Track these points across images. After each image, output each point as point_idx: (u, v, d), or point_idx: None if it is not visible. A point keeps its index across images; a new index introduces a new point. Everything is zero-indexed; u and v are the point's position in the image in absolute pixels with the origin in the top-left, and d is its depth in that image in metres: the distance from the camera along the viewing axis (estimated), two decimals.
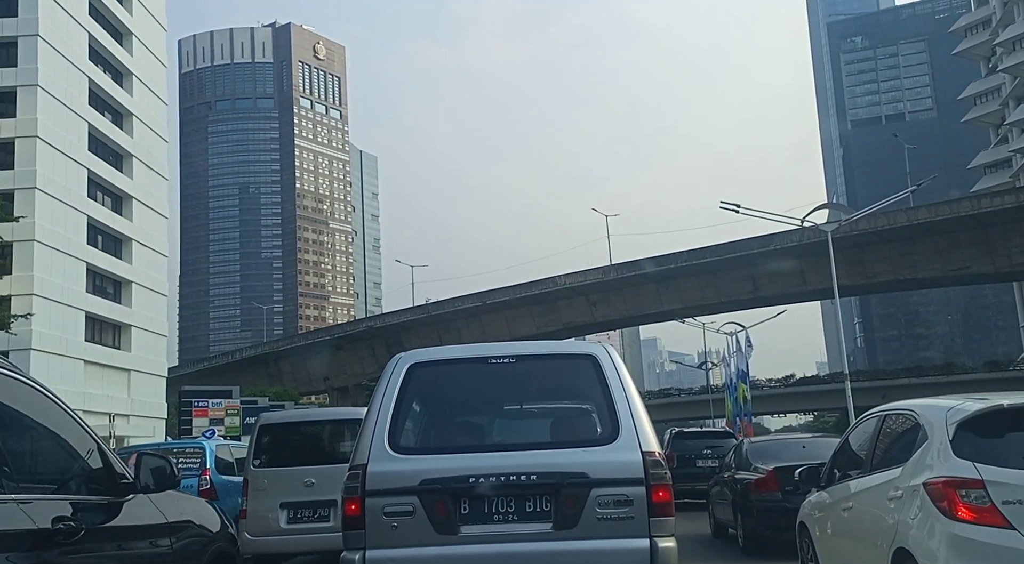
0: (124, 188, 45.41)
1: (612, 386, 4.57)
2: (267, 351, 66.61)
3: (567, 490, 4.30)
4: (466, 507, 4.33)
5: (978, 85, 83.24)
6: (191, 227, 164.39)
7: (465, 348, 5.32)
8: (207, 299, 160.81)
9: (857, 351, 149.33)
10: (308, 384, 64.56)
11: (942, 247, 44.07)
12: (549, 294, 52.65)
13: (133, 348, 45.05)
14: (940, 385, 53.16)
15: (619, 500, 4.29)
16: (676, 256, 49.15)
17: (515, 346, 5.24)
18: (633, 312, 52.75)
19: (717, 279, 48.84)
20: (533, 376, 4.96)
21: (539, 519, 4.31)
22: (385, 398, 4.58)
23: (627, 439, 4.40)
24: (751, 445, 11.29)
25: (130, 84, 46.88)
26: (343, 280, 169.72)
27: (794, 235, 48.69)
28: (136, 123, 46.67)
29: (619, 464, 4.34)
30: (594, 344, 5.05)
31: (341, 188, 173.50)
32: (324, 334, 66.45)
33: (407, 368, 4.71)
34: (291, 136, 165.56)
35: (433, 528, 4.28)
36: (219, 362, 70.96)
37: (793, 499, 8.54)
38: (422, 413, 4.88)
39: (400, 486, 4.32)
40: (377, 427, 4.48)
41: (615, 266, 52.13)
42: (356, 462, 4.43)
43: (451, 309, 55.72)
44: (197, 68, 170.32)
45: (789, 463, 9.27)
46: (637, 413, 4.49)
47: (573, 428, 4.93)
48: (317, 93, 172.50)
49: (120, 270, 44.75)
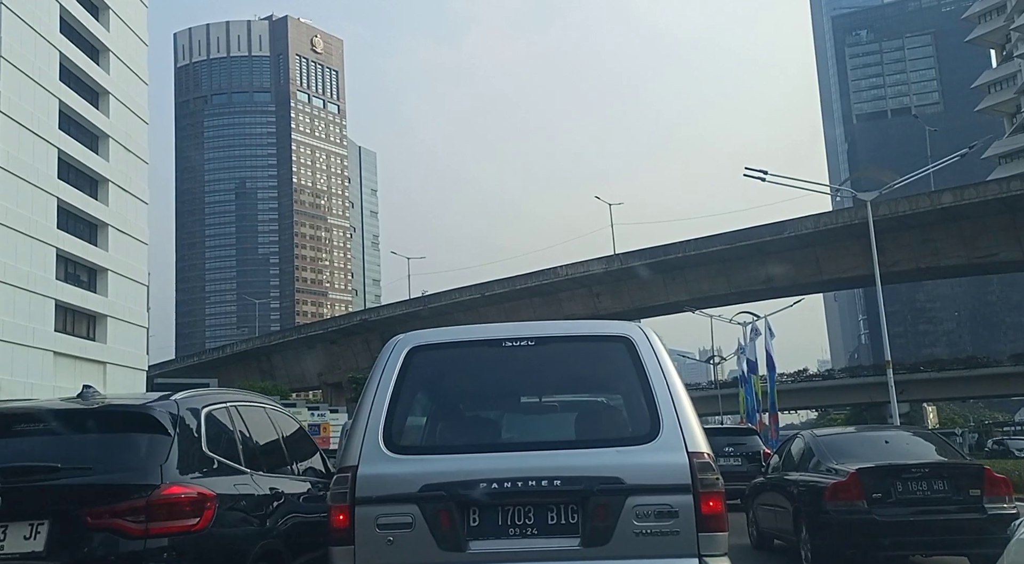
0: (99, 170, 42.88)
1: (651, 373, 3.95)
2: (259, 345, 65.32)
3: (598, 499, 3.69)
4: (476, 518, 3.73)
5: (992, 73, 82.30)
6: (187, 223, 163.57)
7: (475, 329, 4.50)
8: (203, 295, 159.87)
9: (861, 348, 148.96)
10: (301, 380, 63.24)
11: (967, 233, 41.88)
12: (550, 286, 50.76)
13: (109, 339, 42.60)
14: (964, 379, 51.02)
15: (661, 511, 3.67)
16: (684, 245, 47.09)
17: (534, 326, 4.42)
18: (638, 304, 50.56)
19: (727, 269, 46.82)
20: (556, 361, 4.31)
21: (564, 533, 3.69)
22: (380, 388, 3.98)
23: (669, 437, 3.78)
24: (818, 439, 9.15)
25: (107, 61, 44.31)
26: (341, 276, 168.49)
27: (809, 221, 46.69)
28: (113, 102, 44.09)
29: (660, 467, 3.73)
30: (628, 324, 4.34)
31: (339, 183, 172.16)
32: (317, 328, 64.85)
33: (406, 352, 4.10)
34: (288, 130, 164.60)
35: (436, 543, 3.68)
36: (209, 357, 69.64)
37: (883, 510, 7.38)
38: (424, 406, 4.29)
39: (397, 493, 3.74)
40: (370, 422, 3.89)
41: (619, 256, 50.11)
42: (345, 463, 3.86)
43: (448, 301, 54.10)
44: (193, 61, 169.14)
45: (875, 464, 7.83)
46: (681, 406, 3.87)
47: (604, 424, 4.32)
48: (315, 87, 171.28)
49: (95, 257, 42.25)
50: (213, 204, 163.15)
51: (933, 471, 7.70)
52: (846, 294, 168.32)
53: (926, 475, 7.59)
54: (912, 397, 53.27)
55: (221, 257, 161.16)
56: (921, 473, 7.61)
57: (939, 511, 7.42)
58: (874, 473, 7.64)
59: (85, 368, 39.77)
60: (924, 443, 9.18)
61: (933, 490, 7.52)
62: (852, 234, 43.91)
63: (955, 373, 51.54)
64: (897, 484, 7.54)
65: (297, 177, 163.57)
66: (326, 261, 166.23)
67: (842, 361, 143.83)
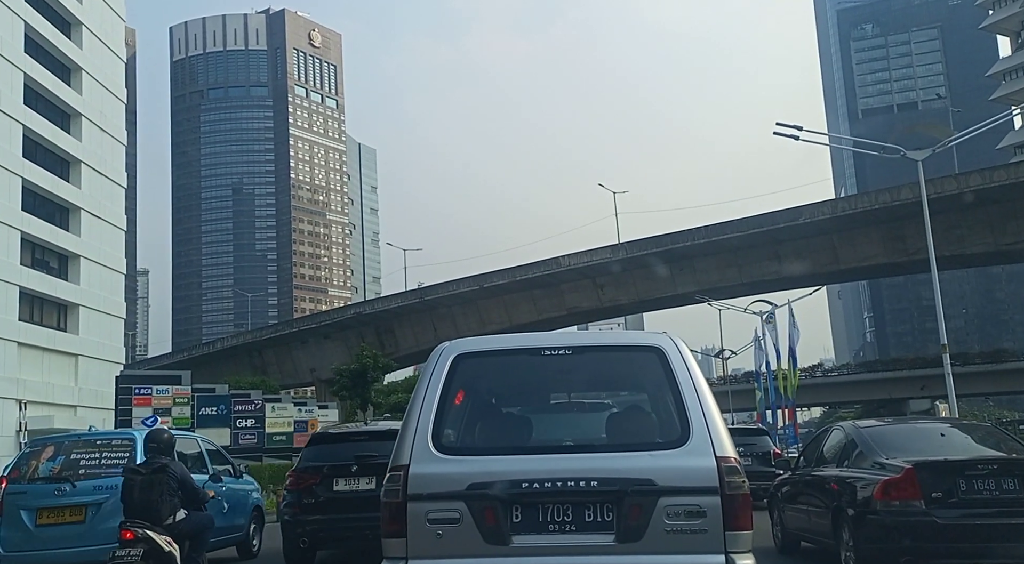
0: (71, 151, 40.27)
1: (681, 382, 4.17)
2: (250, 340, 63.01)
3: (631, 499, 3.92)
4: (518, 515, 3.97)
5: (1006, 61, 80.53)
6: (183, 218, 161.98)
7: (516, 337, 4.78)
8: (200, 292, 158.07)
9: (867, 346, 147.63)
10: (294, 375, 61.03)
11: (995, 218, 39.47)
12: (552, 277, 48.26)
13: (82, 330, 39.95)
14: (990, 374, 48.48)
15: (691, 511, 3.90)
16: (693, 232, 44.65)
17: (572, 336, 4.98)
18: (644, 296, 48.09)
19: (738, 258, 44.45)
20: (592, 370, 4.59)
21: (600, 530, 3.94)
22: (428, 392, 4.26)
23: (699, 442, 4.00)
24: (862, 431, 8.21)
25: (79, 34, 41.65)
26: (340, 273, 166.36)
27: (826, 206, 44.29)
28: (86, 79, 41.45)
29: (690, 470, 3.94)
30: (659, 334, 4.53)
31: (338, 179, 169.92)
32: (310, 322, 62.62)
33: (452, 359, 4.37)
34: (286, 125, 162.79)
35: (482, 537, 3.94)
36: (199, 352, 67.29)
37: (944, 512, 6.69)
38: (469, 409, 4.49)
39: (446, 490, 4.00)
40: (420, 424, 4.16)
41: (624, 245, 47.65)
42: (397, 463, 4.13)
43: (445, 294, 51.84)
44: (189, 55, 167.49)
45: (934, 458, 7.08)
46: (710, 413, 4.09)
47: (637, 429, 4.44)
48: (312, 81, 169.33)
49: (66, 242, 39.68)
50: (210, 200, 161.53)
51: (1003, 468, 6.89)
52: (851, 292, 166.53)
53: (995, 472, 6.79)
54: (934, 393, 50.66)
55: (218, 253, 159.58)
56: (989, 470, 6.82)
57: (1011, 513, 6.64)
58: (934, 469, 6.86)
59: (54, 360, 37.31)
60: (986, 437, 8.24)
61: (1003, 490, 6.73)
62: (872, 220, 41.47)
63: (981, 367, 48.94)
64: (960, 482, 6.75)
65: (295, 172, 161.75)
66: (325, 258, 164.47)
67: (846, 360, 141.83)
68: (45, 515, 8.73)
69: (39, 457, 9.20)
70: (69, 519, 8.69)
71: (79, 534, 8.59)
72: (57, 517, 8.73)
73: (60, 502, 8.69)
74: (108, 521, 8.28)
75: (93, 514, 8.64)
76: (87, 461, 8.96)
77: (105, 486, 8.68)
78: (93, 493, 8.71)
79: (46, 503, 8.71)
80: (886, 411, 56.08)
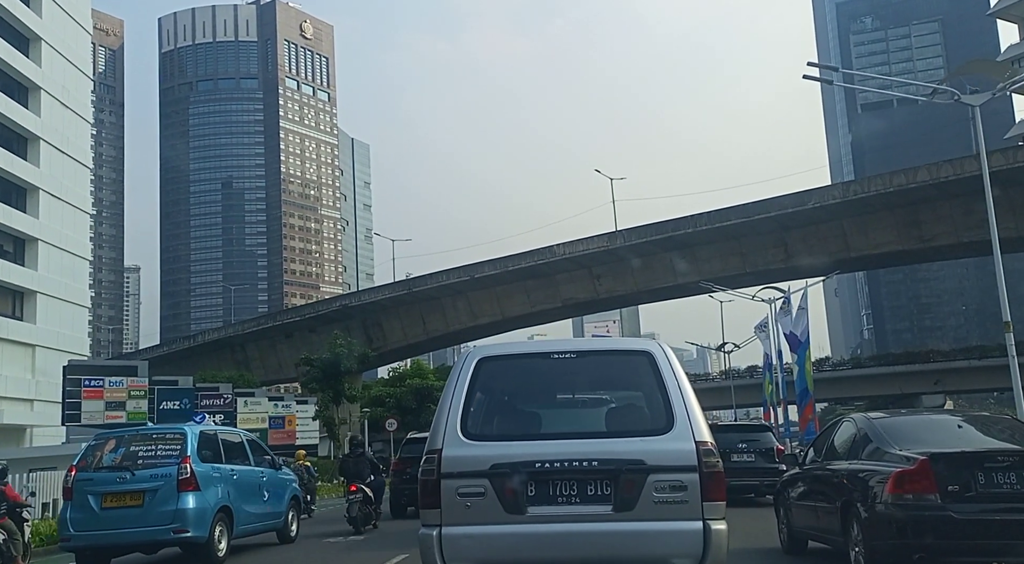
0: (29, 126, 37.48)
1: (667, 380, 4.97)
2: (232, 334, 60.53)
3: (626, 476, 4.72)
4: (533, 489, 4.75)
5: (1016, 48, 77.93)
6: (171, 212, 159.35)
7: (529, 344, 5.66)
8: (189, 286, 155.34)
9: (864, 343, 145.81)
10: (278, 370, 58.49)
11: (1017, 203, 36.94)
12: (546, 266, 45.71)
13: (40, 319, 37.19)
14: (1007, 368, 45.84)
15: (675, 485, 4.69)
16: (694, 219, 42.21)
17: (575, 342, 5.65)
18: (643, 286, 45.55)
19: (742, 246, 42.03)
20: (593, 370, 5.45)
21: (600, 502, 4.74)
22: (457, 389, 5.06)
23: (681, 429, 4.79)
24: (874, 423, 7.73)
25: (38, 2, 38.76)
26: (332, 269, 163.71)
27: (836, 190, 41.92)
28: (46, 49, 38.66)
29: (674, 452, 4.73)
30: (649, 341, 5.45)
31: (329, 173, 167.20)
32: (294, 315, 59.99)
33: (476, 361, 5.20)
34: (276, 118, 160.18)
35: (503, 508, 4.75)
36: (179, 346, 64.90)
37: (961, 506, 6.27)
38: (491, 403, 5.29)
39: (473, 469, 4.78)
40: (450, 415, 4.94)
41: (622, 232, 45.11)
42: (432, 447, 4.90)
43: (435, 285, 49.35)
44: (178, 47, 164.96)
45: (951, 450, 6.62)
46: (691, 405, 4.87)
47: (630, 418, 5.25)
48: (304, 74, 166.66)
49: (21, 224, 36.92)
50: (199, 194, 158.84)
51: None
52: (848, 289, 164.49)
53: (1015, 465, 6.40)
54: (948, 387, 48.16)
55: (207, 247, 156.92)
56: (1009, 462, 6.44)
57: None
58: (950, 460, 6.48)
59: (8, 351, 34.65)
60: (1006, 430, 7.73)
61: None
62: (886, 203, 39.03)
63: (1000, 361, 46.44)
64: (979, 475, 6.36)
65: (286, 166, 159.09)
66: (316, 253, 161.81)
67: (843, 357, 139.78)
68: (109, 499, 10.07)
69: (103, 449, 10.53)
70: (129, 503, 10.02)
71: (138, 516, 9.97)
72: (119, 501, 10.06)
73: (122, 488, 10.04)
74: (163, 505, 9.96)
75: (150, 498, 9.99)
76: (144, 452, 10.32)
77: (160, 474, 10.12)
78: (150, 480, 10.07)
79: (110, 489, 10.06)
80: (894, 407, 53.72)
